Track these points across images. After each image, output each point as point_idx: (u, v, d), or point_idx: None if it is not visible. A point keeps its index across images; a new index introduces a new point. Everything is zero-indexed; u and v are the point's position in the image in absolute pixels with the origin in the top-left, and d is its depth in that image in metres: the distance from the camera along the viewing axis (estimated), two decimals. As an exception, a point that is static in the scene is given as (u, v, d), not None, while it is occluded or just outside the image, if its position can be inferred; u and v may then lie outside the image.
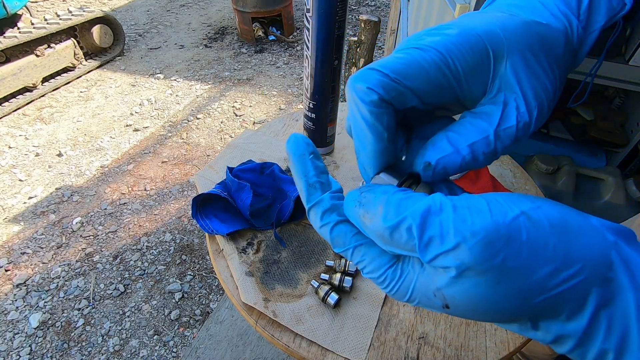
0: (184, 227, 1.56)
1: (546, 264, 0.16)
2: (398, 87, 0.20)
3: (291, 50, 2.78)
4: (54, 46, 2.24)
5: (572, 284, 0.16)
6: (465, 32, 0.20)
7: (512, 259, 0.16)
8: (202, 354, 1.14)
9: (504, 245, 0.16)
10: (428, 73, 0.20)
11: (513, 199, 0.17)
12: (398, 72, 0.20)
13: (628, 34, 1.03)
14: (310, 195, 0.22)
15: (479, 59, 0.20)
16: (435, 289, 0.18)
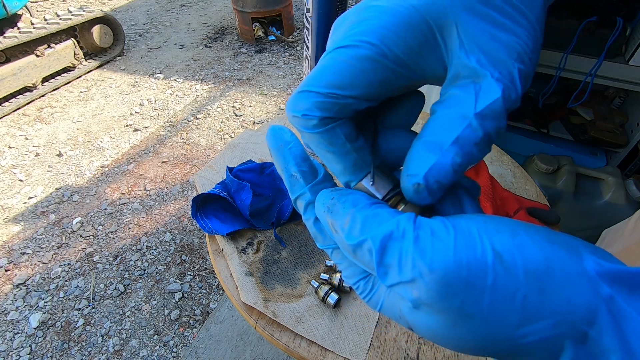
0: (184, 227, 1.56)
1: (512, 314, 0.14)
2: (337, 101, 0.17)
3: (291, 50, 2.78)
4: (54, 46, 2.24)
5: (541, 337, 0.14)
6: (396, 7, 0.17)
7: (470, 304, 0.14)
8: (202, 354, 1.14)
9: (463, 289, 0.14)
10: (366, 73, 0.17)
11: (490, 231, 0.15)
12: (331, 85, 0.17)
13: (628, 34, 1.03)
14: (293, 187, 0.21)
15: (420, 36, 0.17)
16: (400, 312, 0.17)
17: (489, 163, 0.74)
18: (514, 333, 0.14)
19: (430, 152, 0.17)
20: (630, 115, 1.26)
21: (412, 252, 0.14)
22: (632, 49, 1.01)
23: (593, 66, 1.01)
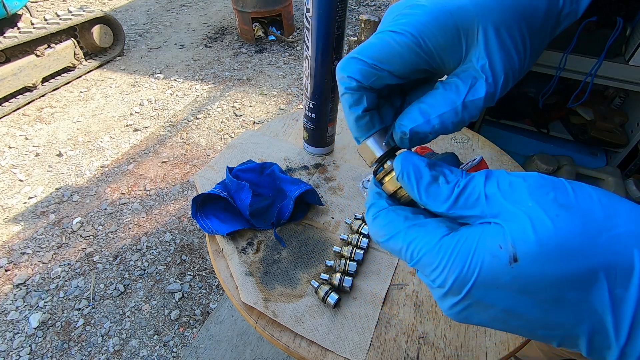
0: (184, 227, 1.56)
1: (596, 210, 0.17)
2: (376, 72, 0.22)
3: (291, 50, 2.78)
4: (54, 46, 2.24)
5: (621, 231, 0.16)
6: (436, 9, 0.21)
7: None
8: (202, 354, 1.14)
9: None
10: (402, 55, 0.22)
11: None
12: (375, 58, 0.22)
13: (628, 34, 1.03)
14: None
15: (449, 38, 0.21)
16: (503, 241, 0.17)
17: (489, 163, 0.74)
18: (604, 223, 0.16)
19: (420, 116, 0.22)
20: (630, 115, 1.26)
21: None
22: (632, 49, 1.01)
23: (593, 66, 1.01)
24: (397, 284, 0.54)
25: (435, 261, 0.19)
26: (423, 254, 0.19)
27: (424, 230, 0.20)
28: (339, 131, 0.80)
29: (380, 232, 0.22)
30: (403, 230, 0.21)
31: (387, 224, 0.21)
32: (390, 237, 0.21)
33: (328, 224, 0.62)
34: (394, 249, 0.21)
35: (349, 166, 0.72)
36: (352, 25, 3.06)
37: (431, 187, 0.21)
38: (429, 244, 0.19)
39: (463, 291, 0.18)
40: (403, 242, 0.20)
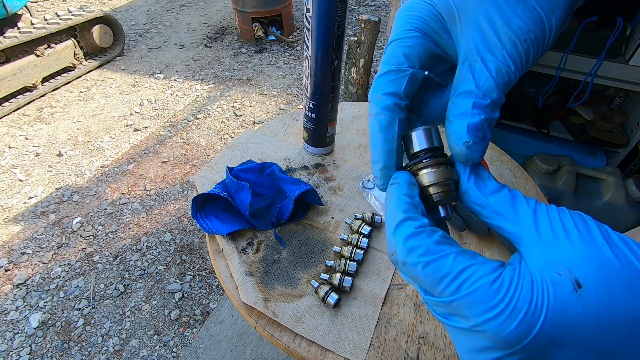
0: (184, 227, 1.56)
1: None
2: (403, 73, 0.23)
3: (291, 50, 2.78)
4: (54, 46, 2.24)
5: None
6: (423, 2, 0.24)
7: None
8: (202, 354, 1.14)
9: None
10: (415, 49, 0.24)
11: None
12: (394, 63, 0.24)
13: (628, 34, 1.03)
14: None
15: (439, 25, 0.23)
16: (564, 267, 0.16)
17: (489, 163, 0.74)
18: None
19: (462, 120, 0.21)
20: (630, 115, 1.26)
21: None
22: (632, 49, 1.01)
23: (593, 66, 1.01)
24: (397, 284, 0.54)
25: (493, 299, 0.16)
26: (478, 286, 0.16)
27: (478, 259, 0.17)
28: (339, 131, 0.80)
29: (418, 251, 0.18)
30: (453, 253, 0.18)
31: (432, 243, 0.18)
32: (432, 260, 0.18)
33: (328, 224, 0.62)
34: (432, 275, 0.18)
35: (349, 166, 0.72)
36: (352, 25, 3.06)
37: (481, 178, 0.21)
38: (488, 276, 0.16)
39: (525, 339, 0.15)
40: (451, 268, 0.17)
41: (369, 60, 1.94)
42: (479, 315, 0.16)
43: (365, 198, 0.66)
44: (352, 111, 0.86)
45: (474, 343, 0.17)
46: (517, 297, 0.16)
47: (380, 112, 0.23)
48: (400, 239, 0.19)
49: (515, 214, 0.19)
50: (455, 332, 0.18)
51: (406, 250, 0.19)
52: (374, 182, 0.23)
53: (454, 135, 0.21)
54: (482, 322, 0.16)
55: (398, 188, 0.21)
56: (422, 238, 0.18)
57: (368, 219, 0.60)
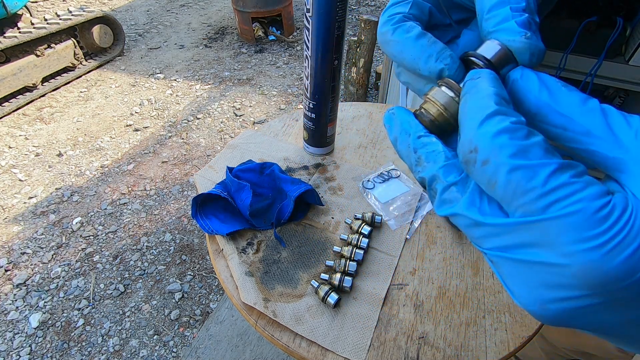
0: (184, 227, 1.56)
1: None
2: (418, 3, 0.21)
3: (291, 50, 2.78)
4: (54, 46, 2.24)
5: None
6: None
7: None
8: (202, 354, 1.14)
9: None
10: None
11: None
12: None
13: (628, 34, 1.03)
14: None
15: None
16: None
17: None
18: None
19: (507, 23, 0.18)
20: (630, 115, 1.26)
21: None
22: (632, 49, 1.01)
23: (593, 66, 1.01)
24: (397, 284, 0.54)
25: (597, 227, 0.13)
26: (578, 209, 0.13)
27: (584, 178, 0.14)
28: (339, 131, 0.80)
29: (509, 150, 0.14)
30: (554, 164, 0.14)
31: (529, 145, 0.14)
32: (525, 165, 0.14)
33: (328, 224, 0.62)
34: (517, 183, 0.14)
35: (349, 166, 0.72)
36: (352, 25, 3.06)
37: (557, 88, 0.16)
38: (593, 200, 0.13)
39: (625, 281, 0.13)
40: (546, 181, 0.14)
41: (369, 60, 1.94)
42: (571, 243, 0.13)
43: (365, 198, 0.66)
44: (352, 111, 0.86)
45: (546, 278, 0.14)
46: (628, 229, 0.13)
47: (392, 25, 0.21)
48: (488, 133, 0.15)
49: (612, 133, 0.15)
50: (514, 267, 0.15)
51: (495, 145, 0.15)
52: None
53: (506, 36, 0.18)
54: (574, 253, 0.13)
55: (485, 81, 0.17)
56: (517, 137, 0.14)
57: (368, 219, 0.60)
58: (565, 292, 0.14)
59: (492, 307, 0.52)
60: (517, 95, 0.17)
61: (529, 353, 0.91)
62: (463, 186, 0.17)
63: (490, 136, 0.15)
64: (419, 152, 0.18)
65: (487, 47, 0.18)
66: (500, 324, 0.50)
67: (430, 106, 0.19)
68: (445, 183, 0.17)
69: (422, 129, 0.19)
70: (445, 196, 0.17)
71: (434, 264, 0.57)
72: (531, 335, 0.49)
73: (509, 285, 0.16)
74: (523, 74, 0.17)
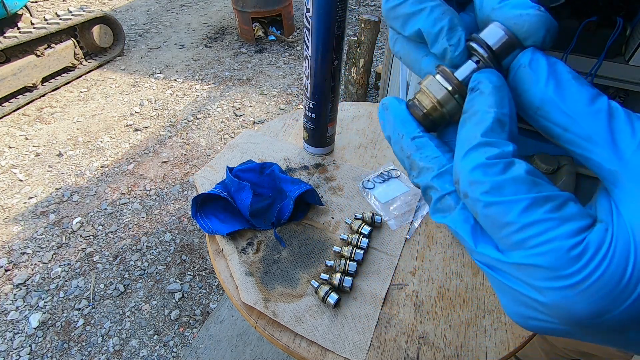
0: (184, 227, 1.56)
1: None
2: None
3: (291, 50, 2.78)
4: (54, 46, 2.24)
5: None
6: None
7: None
8: (202, 354, 1.14)
9: None
10: None
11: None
12: None
13: (628, 34, 1.03)
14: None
15: None
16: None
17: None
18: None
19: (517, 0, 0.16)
20: (630, 115, 1.26)
21: None
22: (632, 49, 1.01)
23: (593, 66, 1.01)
24: (397, 284, 0.54)
25: (568, 267, 0.13)
26: (549, 249, 0.13)
27: (562, 212, 0.14)
28: (339, 131, 0.80)
29: (482, 188, 0.15)
30: (526, 200, 0.14)
31: (503, 181, 0.14)
32: (496, 202, 0.14)
33: (328, 224, 0.62)
34: (492, 218, 0.14)
35: (349, 166, 0.72)
36: (352, 25, 3.06)
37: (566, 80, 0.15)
38: (566, 239, 0.13)
39: (600, 318, 0.13)
40: (517, 219, 0.14)
41: (369, 60, 1.94)
42: (543, 281, 0.13)
43: (365, 198, 0.66)
44: (352, 111, 0.86)
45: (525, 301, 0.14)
46: (602, 269, 0.13)
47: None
48: (466, 167, 0.15)
49: (612, 142, 0.14)
50: (503, 288, 0.15)
51: (470, 181, 0.15)
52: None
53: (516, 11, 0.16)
54: (546, 290, 0.13)
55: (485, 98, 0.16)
56: (491, 173, 0.14)
57: (368, 219, 0.60)
58: (542, 318, 0.14)
59: (492, 307, 0.52)
60: (521, 84, 0.16)
61: (529, 353, 0.91)
62: (457, 196, 0.16)
63: (468, 171, 0.15)
64: (413, 157, 0.18)
65: (490, 32, 0.17)
66: (500, 324, 0.50)
67: (424, 98, 0.18)
68: (439, 193, 0.17)
69: (415, 127, 0.18)
70: (439, 205, 0.17)
71: (434, 264, 0.57)
72: (531, 335, 0.49)
73: (497, 293, 0.16)
74: (532, 59, 0.16)
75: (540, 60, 0.15)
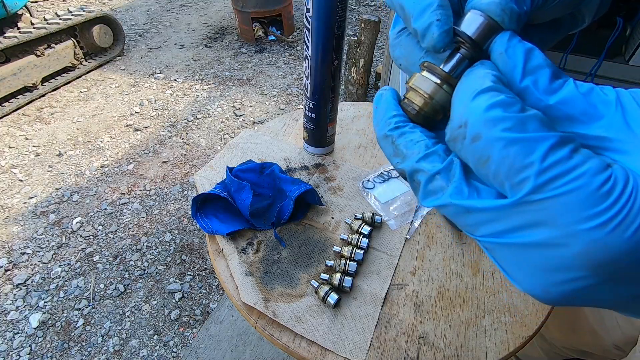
0: (184, 227, 1.56)
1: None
2: None
3: (291, 50, 2.78)
4: (54, 46, 2.24)
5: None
6: None
7: None
8: (202, 354, 1.14)
9: None
10: None
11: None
12: None
13: (628, 34, 1.03)
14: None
15: None
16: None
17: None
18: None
19: None
20: (630, 115, 1.26)
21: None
22: (632, 49, 1.01)
23: (593, 66, 1.01)
24: (397, 284, 0.54)
25: (600, 203, 0.12)
26: (580, 185, 0.13)
27: (585, 152, 0.13)
28: (339, 131, 0.80)
29: (505, 124, 0.14)
30: (554, 138, 0.13)
31: (526, 118, 0.14)
32: (521, 138, 0.13)
33: (328, 224, 0.62)
34: (513, 158, 0.13)
35: (349, 166, 0.72)
36: (352, 25, 3.06)
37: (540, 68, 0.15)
38: (595, 175, 0.13)
39: (629, 259, 0.12)
40: (545, 156, 0.13)
41: (369, 60, 1.94)
42: (574, 223, 0.12)
43: (365, 198, 0.66)
44: (352, 111, 0.86)
45: (546, 261, 0.13)
46: (630, 205, 0.12)
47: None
48: (480, 106, 0.14)
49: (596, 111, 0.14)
50: (512, 252, 0.14)
51: (487, 119, 0.14)
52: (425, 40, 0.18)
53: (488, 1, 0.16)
54: (576, 233, 0.12)
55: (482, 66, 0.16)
56: (513, 110, 0.14)
57: (368, 219, 0.60)
58: (568, 274, 0.13)
59: (492, 307, 0.52)
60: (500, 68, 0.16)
61: (529, 352, 0.91)
62: (447, 174, 0.16)
63: (483, 109, 0.14)
64: (397, 142, 0.17)
65: (468, 21, 0.17)
66: (500, 324, 0.50)
67: (414, 95, 0.18)
68: (428, 173, 0.16)
69: (403, 117, 0.18)
70: (430, 187, 0.16)
71: (434, 264, 0.57)
72: (531, 335, 0.49)
73: (508, 271, 0.15)
74: (509, 47, 0.16)
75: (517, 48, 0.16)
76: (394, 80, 1.57)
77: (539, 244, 0.13)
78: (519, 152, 0.13)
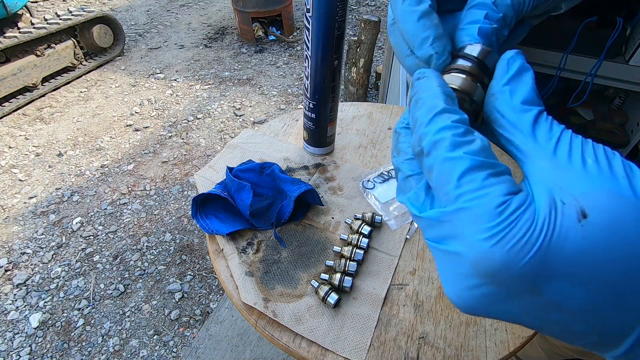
0: (184, 227, 1.56)
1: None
2: None
3: (291, 50, 2.78)
4: (54, 46, 2.24)
5: None
6: None
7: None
8: (202, 354, 1.14)
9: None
10: None
11: None
12: None
13: (628, 34, 1.03)
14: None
15: None
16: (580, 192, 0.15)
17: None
18: None
19: (473, 25, 0.21)
20: (630, 115, 1.26)
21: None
22: (632, 49, 1.01)
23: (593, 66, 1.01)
24: (397, 284, 0.54)
25: (493, 219, 0.15)
26: (481, 202, 0.15)
27: (501, 179, 0.16)
28: (339, 131, 0.80)
29: (444, 144, 0.17)
30: (476, 160, 0.16)
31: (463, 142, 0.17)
32: (452, 157, 0.16)
33: (328, 224, 0.62)
34: (445, 173, 0.16)
35: (349, 166, 0.72)
36: (352, 25, 3.06)
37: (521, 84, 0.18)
38: (497, 197, 0.15)
39: (512, 270, 0.14)
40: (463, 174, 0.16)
41: (369, 60, 1.94)
42: (472, 234, 0.15)
43: (365, 198, 0.66)
44: (352, 111, 0.86)
45: (455, 267, 0.16)
46: (514, 223, 0.14)
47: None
48: (432, 129, 0.17)
49: (532, 131, 0.17)
50: (441, 257, 0.17)
51: (435, 140, 0.17)
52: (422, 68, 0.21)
53: (465, 38, 0.21)
54: (473, 243, 0.15)
55: (433, 80, 0.19)
56: (456, 134, 0.16)
57: (368, 219, 0.60)
58: (467, 281, 0.15)
59: (492, 307, 0.52)
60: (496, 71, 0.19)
61: (530, 352, 0.91)
62: (418, 179, 0.18)
63: (434, 131, 0.17)
64: (400, 139, 0.20)
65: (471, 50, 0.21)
66: (500, 323, 0.50)
67: None
68: (404, 174, 0.19)
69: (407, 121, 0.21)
70: (402, 185, 0.19)
71: (434, 263, 0.57)
72: (531, 335, 0.49)
73: (439, 274, 0.17)
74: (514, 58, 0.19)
75: (518, 60, 0.19)
76: (394, 81, 1.57)
77: (452, 252, 0.16)
78: (447, 168, 0.16)
